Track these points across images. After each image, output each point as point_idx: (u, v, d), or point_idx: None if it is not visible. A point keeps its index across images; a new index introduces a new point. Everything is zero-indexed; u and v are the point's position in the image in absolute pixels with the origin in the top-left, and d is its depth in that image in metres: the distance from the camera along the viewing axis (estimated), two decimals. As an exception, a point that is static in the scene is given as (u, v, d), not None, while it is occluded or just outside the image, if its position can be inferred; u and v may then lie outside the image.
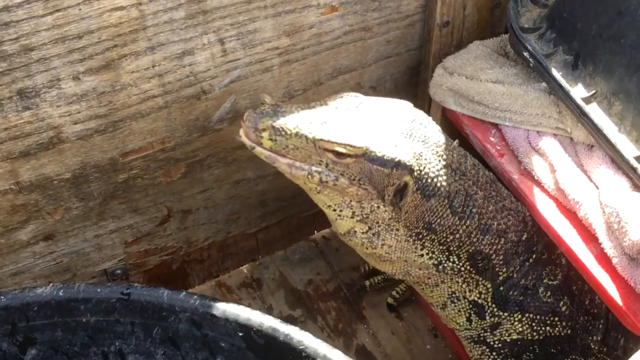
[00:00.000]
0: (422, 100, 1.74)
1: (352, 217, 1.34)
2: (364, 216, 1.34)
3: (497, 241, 1.39)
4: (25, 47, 1.26)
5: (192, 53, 1.42)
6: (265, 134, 1.27)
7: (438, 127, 1.38)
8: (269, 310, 1.88)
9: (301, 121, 1.27)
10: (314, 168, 1.29)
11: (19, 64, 1.27)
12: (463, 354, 1.67)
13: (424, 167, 1.30)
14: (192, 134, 1.56)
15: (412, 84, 1.75)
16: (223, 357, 1.29)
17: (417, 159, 1.29)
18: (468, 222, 1.36)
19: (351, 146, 1.26)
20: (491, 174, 1.43)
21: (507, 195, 1.42)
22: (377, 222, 1.34)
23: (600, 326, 1.50)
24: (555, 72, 1.40)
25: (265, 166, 1.68)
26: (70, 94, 1.36)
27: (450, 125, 1.57)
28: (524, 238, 1.42)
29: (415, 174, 1.29)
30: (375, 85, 1.71)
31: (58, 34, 1.26)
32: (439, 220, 1.35)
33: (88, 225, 1.60)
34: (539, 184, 1.40)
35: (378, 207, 1.32)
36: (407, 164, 1.28)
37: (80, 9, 1.25)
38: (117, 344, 1.32)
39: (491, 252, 1.40)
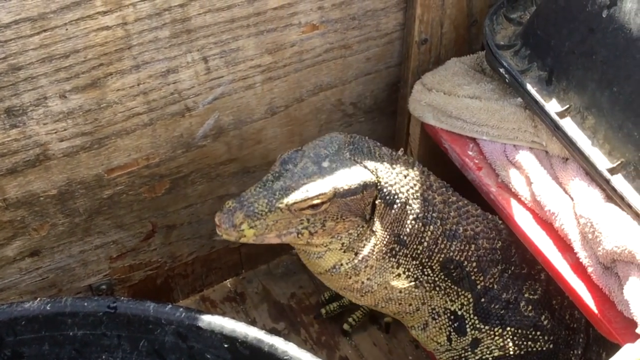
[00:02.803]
0: (402, 115, 1.76)
1: (340, 249, 1.38)
2: (351, 242, 1.37)
3: (466, 247, 1.41)
4: (13, 67, 1.27)
5: (176, 71, 1.44)
6: (244, 226, 1.29)
7: (377, 142, 1.41)
8: (252, 324, 1.86)
9: (268, 197, 1.30)
10: (300, 227, 1.33)
11: (7, 82, 1.29)
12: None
13: (382, 179, 1.34)
14: (176, 150, 1.58)
15: (391, 100, 1.78)
16: (209, 369, 1.31)
17: (375, 174, 1.34)
18: (431, 227, 1.38)
19: (322, 194, 1.29)
20: (443, 181, 1.45)
21: (469, 202, 1.45)
22: (362, 243, 1.38)
23: (581, 340, 1.52)
24: (530, 88, 1.43)
25: (248, 182, 1.71)
26: (56, 112, 1.37)
27: (429, 139, 1.59)
28: (498, 246, 1.44)
29: (379, 186, 1.34)
30: (356, 101, 1.74)
31: (45, 53, 1.28)
32: (404, 230, 1.37)
33: (74, 241, 1.61)
34: (516, 196, 1.42)
35: (363, 227, 1.36)
36: (372, 181, 1.33)
37: (67, 29, 1.27)
38: (103, 357, 1.33)
39: (462, 259, 1.42)
